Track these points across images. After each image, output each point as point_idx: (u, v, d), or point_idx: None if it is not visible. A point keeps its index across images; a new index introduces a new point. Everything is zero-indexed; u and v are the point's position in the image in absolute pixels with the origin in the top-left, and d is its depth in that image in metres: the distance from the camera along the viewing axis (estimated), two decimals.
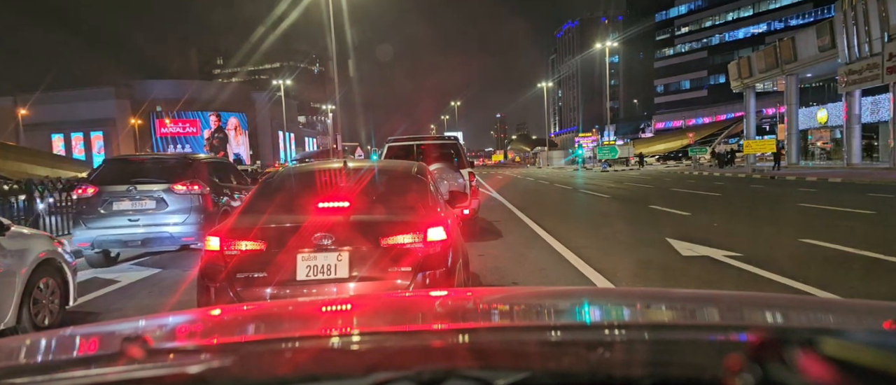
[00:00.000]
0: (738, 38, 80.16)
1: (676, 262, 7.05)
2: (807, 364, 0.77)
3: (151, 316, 2.09)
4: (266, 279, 3.62)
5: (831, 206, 12.97)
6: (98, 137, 65.43)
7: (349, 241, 3.64)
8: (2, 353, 1.24)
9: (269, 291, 3.59)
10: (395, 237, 3.68)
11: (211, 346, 1.14)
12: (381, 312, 1.62)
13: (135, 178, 8.30)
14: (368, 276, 3.62)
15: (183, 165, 8.81)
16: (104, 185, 8.25)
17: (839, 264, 6.77)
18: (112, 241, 8.17)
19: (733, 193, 19.03)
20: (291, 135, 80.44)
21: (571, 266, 7.04)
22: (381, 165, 5.24)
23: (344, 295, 3.53)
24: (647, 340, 1.05)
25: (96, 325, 1.64)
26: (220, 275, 3.64)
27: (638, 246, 8.61)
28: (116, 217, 8.14)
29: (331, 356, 1.00)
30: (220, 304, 3.57)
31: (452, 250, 3.81)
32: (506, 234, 10.26)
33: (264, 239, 3.68)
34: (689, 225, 10.99)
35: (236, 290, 3.60)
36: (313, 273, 3.61)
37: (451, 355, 0.97)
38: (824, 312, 1.48)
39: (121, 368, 0.91)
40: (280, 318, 1.62)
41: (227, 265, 3.65)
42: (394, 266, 3.66)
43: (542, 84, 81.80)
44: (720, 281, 6.05)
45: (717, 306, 1.56)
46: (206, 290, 3.69)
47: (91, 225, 8.15)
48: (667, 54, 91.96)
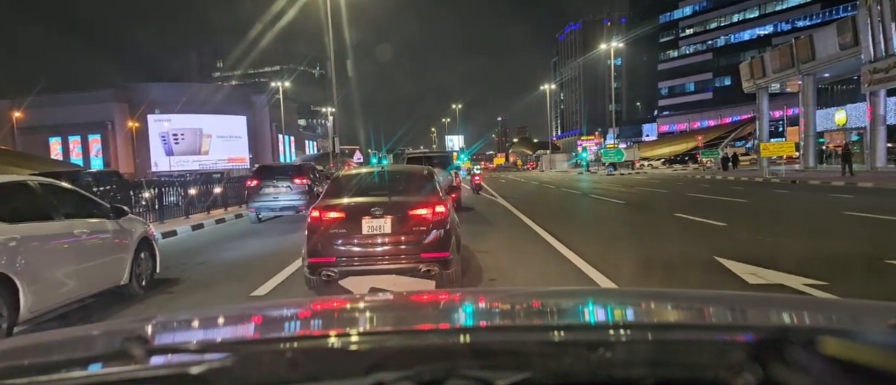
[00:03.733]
0: (744, 39, 79.14)
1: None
2: (808, 364, 0.79)
3: (152, 316, 2.05)
4: (344, 233, 5.89)
5: (885, 215, 11.65)
6: (96, 141, 64.92)
7: (390, 212, 5.86)
8: (2, 354, 1.25)
9: (343, 241, 5.88)
10: (417, 210, 5.99)
11: (211, 345, 1.13)
12: (382, 312, 1.66)
13: (275, 175, 15.09)
14: (402, 230, 5.84)
15: (297, 169, 16.21)
16: (261, 180, 14.92)
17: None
18: (264, 208, 14.88)
19: (761, 199, 17.81)
20: (291, 138, 79.63)
21: None
22: (405, 168, 8.36)
23: (389, 245, 5.82)
24: (648, 341, 1.04)
25: (96, 325, 1.66)
26: (318, 229, 5.93)
27: (685, 268, 7.22)
28: (266, 197, 14.69)
29: (331, 356, 1.00)
30: (317, 241, 5.85)
31: (450, 218, 6.15)
32: (520, 252, 8.98)
33: (342, 210, 6.02)
34: (731, 239, 9.57)
35: (327, 237, 5.88)
36: (371, 230, 5.83)
37: (452, 355, 0.97)
38: (825, 312, 1.47)
39: (121, 368, 0.92)
40: (281, 319, 1.66)
41: (321, 224, 5.95)
42: (416, 226, 5.91)
43: (544, 86, 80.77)
44: None
45: (719, 306, 1.56)
46: (310, 237, 5.95)
47: (254, 201, 14.85)
48: (671, 56, 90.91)
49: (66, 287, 5.35)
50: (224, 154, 66.59)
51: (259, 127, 69.97)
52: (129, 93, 65.55)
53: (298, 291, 6.40)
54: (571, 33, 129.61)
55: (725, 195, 19.10)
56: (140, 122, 63.87)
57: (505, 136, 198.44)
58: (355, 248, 5.86)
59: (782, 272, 6.32)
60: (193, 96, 65.21)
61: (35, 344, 1.40)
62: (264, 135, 70.50)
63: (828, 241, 9.29)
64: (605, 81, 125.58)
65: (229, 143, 67.92)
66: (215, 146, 67.26)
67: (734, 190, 22.01)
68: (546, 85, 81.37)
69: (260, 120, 69.98)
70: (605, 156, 47.81)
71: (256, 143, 69.93)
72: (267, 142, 69.84)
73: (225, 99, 69.95)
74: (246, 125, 69.11)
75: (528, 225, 12.33)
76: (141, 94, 64.36)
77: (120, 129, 64.07)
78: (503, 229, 12.00)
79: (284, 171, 15.93)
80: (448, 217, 6.05)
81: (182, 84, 69.83)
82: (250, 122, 69.22)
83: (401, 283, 6.08)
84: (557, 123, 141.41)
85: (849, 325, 1.29)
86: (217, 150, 67.00)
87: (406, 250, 5.83)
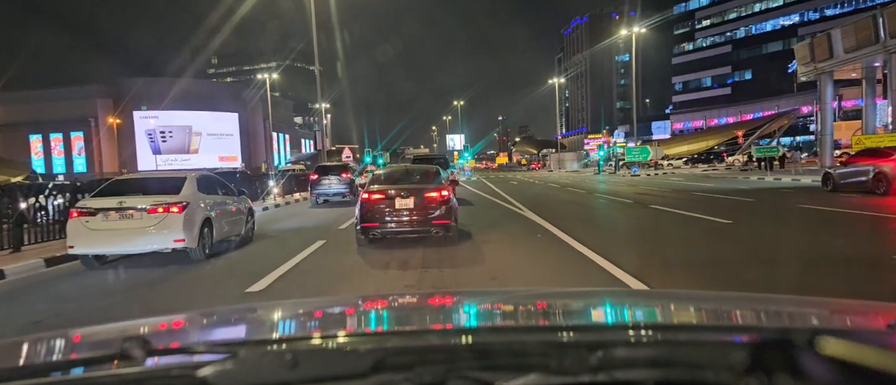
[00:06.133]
0: (766, 30, 74.85)
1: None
2: (809, 364, 0.79)
3: (151, 316, 2.10)
4: (384, 208, 9.11)
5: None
6: (79, 138, 61.95)
7: (413, 194, 9.17)
8: (2, 354, 1.25)
9: (383, 213, 9.08)
10: (430, 194, 9.24)
11: (211, 345, 1.14)
12: (382, 312, 1.66)
13: (329, 172, 21.59)
14: (420, 206, 9.08)
15: (343, 166, 23.00)
16: (320, 175, 21.36)
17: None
18: (322, 195, 21.09)
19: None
20: (286, 136, 76.06)
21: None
22: (421, 167, 11.55)
23: (411, 215, 9.05)
24: (649, 341, 1.04)
25: (96, 326, 1.66)
26: (367, 205, 9.16)
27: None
28: (324, 186, 21.13)
29: (331, 356, 1.00)
30: (367, 213, 9.10)
31: (451, 200, 9.48)
32: None
33: (382, 193, 9.22)
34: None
35: (373, 210, 9.11)
36: (401, 206, 9.07)
37: (452, 356, 0.97)
38: (826, 312, 1.47)
39: (121, 368, 0.92)
40: (281, 319, 1.66)
41: (370, 202, 9.18)
42: (429, 204, 9.14)
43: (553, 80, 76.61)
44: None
45: (719, 307, 1.56)
46: (363, 210, 9.16)
47: (315, 189, 21.13)
48: (686, 49, 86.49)
49: (224, 230, 9.69)
50: (214, 153, 63.11)
51: (252, 124, 66.28)
52: (114, 88, 62.34)
53: (344, 242, 10.10)
54: (577, 28, 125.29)
55: (835, 206, 14.67)
56: (126, 119, 60.90)
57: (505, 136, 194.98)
58: (391, 217, 9.14)
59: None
60: (183, 91, 62.00)
61: (35, 344, 1.40)
62: (258, 132, 66.75)
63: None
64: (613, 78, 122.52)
65: (220, 141, 64.81)
66: (205, 144, 64.15)
67: (831, 198, 17.53)
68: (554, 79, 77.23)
69: (254, 117, 66.23)
70: (629, 154, 43.48)
71: (250, 141, 66.76)
72: (260, 140, 65.99)
73: (216, 94, 67.40)
74: (238, 122, 65.91)
75: (596, 262, 8.12)
76: (126, 89, 61.07)
77: (104, 125, 60.86)
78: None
79: (335, 169, 22.12)
80: (450, 199, 9.44)
81: (170, 79, 65.93)
82: (243, 118, 66.06)
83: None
84: (562, 122, 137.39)
85: (849, 325, 1.30)
86: (207, 149, 63.78)
87: (423, 219, 9.12)
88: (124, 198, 8.27)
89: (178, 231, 8.14)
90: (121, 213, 8.08)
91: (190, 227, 8.32)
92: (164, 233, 8.12)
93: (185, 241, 8.20)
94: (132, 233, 8.07)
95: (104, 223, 8.04)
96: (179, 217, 8.19)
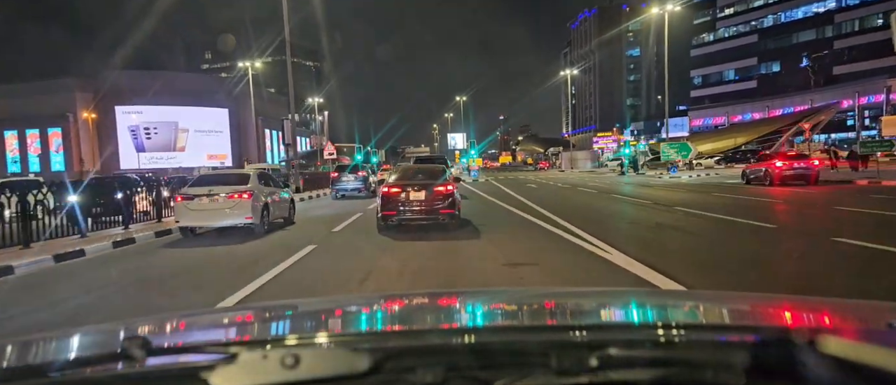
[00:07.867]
0: (797, 18, 69.83)
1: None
2: (809, 364, 0.80)
3: (152, 316, 2.08)
4: (400, 199, 11.08)
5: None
6: (56, 135, 57.88)
7: (424, 188, 11.16)
8: (2, 354, 1.27)
9: (400, 203, 11.09)
10: (438, 188, 11.24)
11: (211, 345, 1.14)
12: (382, 312, 1.66)
13: (346, 170, 25.53)
14: (430, 198, 11.02)
15: (359, 166, 26.63)
16: (339, 173, 25.21)
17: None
18: (341, 189, 24.45)
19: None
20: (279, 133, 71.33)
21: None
22: (429, 167, 14.27)
23: (423, 204, 11.02)
24: (648, 341, 1.04)
25: (96, 326, 1.67)
26: (387, 197, 11.20)
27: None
28: (343, 182, 24.68)
29: (332, 356, 1.01)
30: (386, 203, 11.22)
31: (455, 193, 11.64)
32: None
33: (399, 187, 11.27)
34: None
35: (391, 201, 11.14)
36: (414, 198, 11.06)
37: (452, 355, 0.98)
38: (826, 312, 1.47)
39: (121, 368, 0.93)
40: (281, 319, 1.67)
41: (389, 195, 11.21)
42: (437, 196, 11.09)
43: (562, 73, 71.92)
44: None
45: (720, 307, 1.56)
46: (383, 201, 11.27)
47: (336, 185, 24.80)
48: (706, 40, 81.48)
49: (276, 214, 12.96)
50: (202, 150, 58.69)
51: (244, 121, 61.59)
52: (94, 81, 58.05)
53: (364, 227, 12.52)
54: (585, 21, 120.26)
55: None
56: (107, 115, 56.69)
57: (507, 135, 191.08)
58: (406, 207, 11.06)
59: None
60: (169, 85, 57.77)
61: (36, 344, 1.40)
62: (249, 129, 62.03)
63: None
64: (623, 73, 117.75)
65: (209, 139, 60.68)
66: (192, 141, 59.98)
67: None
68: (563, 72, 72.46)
69: (245, 113, 61.57)
70: (664, 154, 38.57)
71: (241, 138, 62.48)
72: (252, 137, 61.32)
73: (205, 89, 62.87)
74: (228, 118, 61.70)
75: None
76: (107, 82, 56.43)
77: (84, 121, 56.08)
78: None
79: (352, 168, 25.35)
80: (454, 193, 11.51)
81: (155, 72, 61.59)
82: (234, 115, 61.76)
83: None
84: (568, 120, 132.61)
85: (849, 325, 1.30)
86: (194, 147, 59.45)
87: (432, 209, 11.00)
88: (210, 187, 11.72)
89: (248, 211, 11.52)
90: (210, 198, 11.52)
91: (256, 209, 11.71)
92: (238, 212, 11.50)
93: (253, 218, 11.54)
94: (216, 212, 11.53)
95: (198, 205, 11.52)
96: (249, 202, 11.57)
